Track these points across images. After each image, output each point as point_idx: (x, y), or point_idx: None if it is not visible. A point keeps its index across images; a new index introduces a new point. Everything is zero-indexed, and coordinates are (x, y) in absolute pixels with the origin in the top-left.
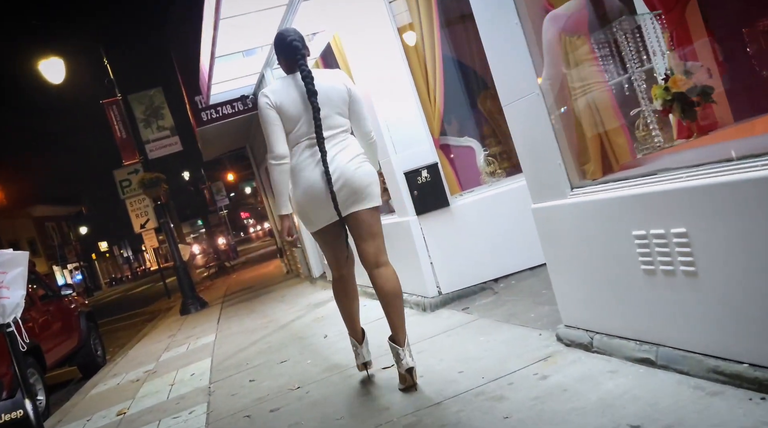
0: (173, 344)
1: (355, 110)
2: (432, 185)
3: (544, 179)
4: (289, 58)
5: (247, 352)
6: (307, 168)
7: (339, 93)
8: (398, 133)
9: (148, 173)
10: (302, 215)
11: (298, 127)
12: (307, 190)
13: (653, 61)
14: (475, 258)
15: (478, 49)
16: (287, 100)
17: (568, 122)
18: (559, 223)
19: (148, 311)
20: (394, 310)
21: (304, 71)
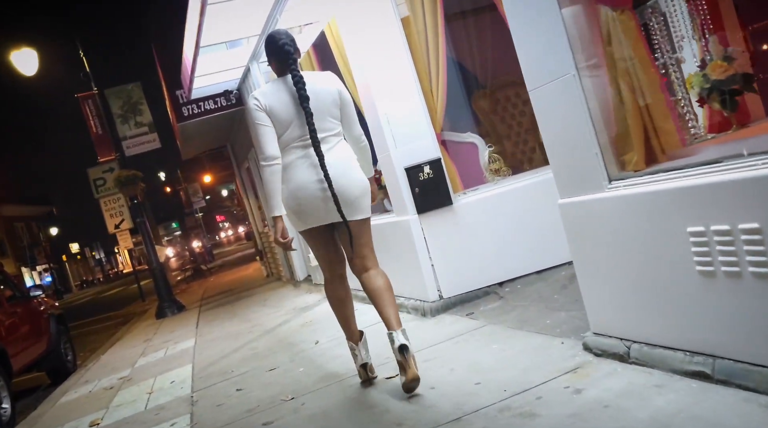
0: (149, 349)
1: (346, 113)
2: (434, 182)
3: (577, 171)
4: (280, 62)
5: (231, 359)
6: (299, 168)
7: (331, 96)
8: (399, 126)
9: (124, 171)
10: (291, 213)
11: (290, 130)
12: (299, 189)
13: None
14: (479, 261)
15: (479, 46)
16: (278, 104)
17: (607, 107)
18: (592, 219)
19: (122, 314)
20: (386, 302)
21: (296, 76)
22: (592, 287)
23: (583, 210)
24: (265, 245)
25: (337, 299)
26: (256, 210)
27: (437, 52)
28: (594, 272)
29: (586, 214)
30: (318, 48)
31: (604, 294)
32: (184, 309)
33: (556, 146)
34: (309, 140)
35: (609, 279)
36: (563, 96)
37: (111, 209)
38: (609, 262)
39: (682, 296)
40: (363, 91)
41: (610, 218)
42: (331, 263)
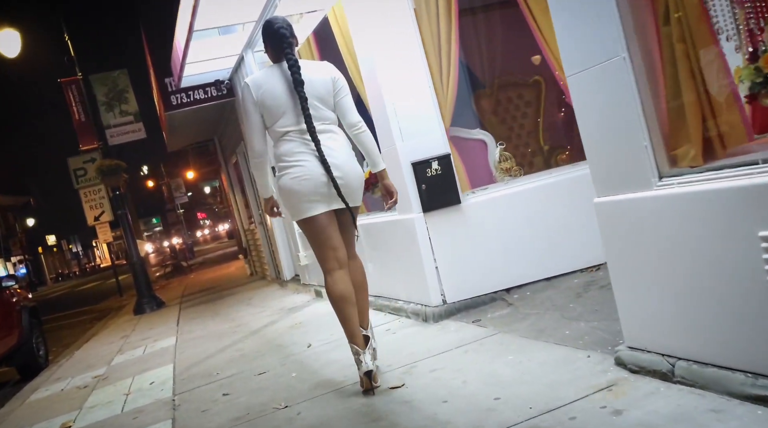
0: (127, 346)
1: (341, 100)
2: (442, 179)
3: (620, 166)
4: (275, 47)
5: (215, 360)
6: (300, 155)
7: (324, 85)
8: (407, 118)
9: (107, 160)
10: (291, 200)
11: (284, 118)
12: (301, 176)
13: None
14: (486, 265)
15: (483, 43)
16: (270, 91)
17: (660, 94)
18: (636, 220)
19: (98, 309)
20: (361, 297)
21: (291, 60)
22: (629, 295)
23: (625, 210)
24: (250, 242)
25: (340, 295)
26: (242, 207)
27: (449, 41)
28: (634, 278)
29: (628, 214)
30: (319, 35)
31: (645, 304)
32: (164, 306)
33: (596, 137)
34: (303, 127)
35: (652, 287)
36: (609, 81)
37: (91, 201)
38: (653, 268)
39: (747, 310)
40: (369, 79)
41: (658, 219)
42: (337, 251)
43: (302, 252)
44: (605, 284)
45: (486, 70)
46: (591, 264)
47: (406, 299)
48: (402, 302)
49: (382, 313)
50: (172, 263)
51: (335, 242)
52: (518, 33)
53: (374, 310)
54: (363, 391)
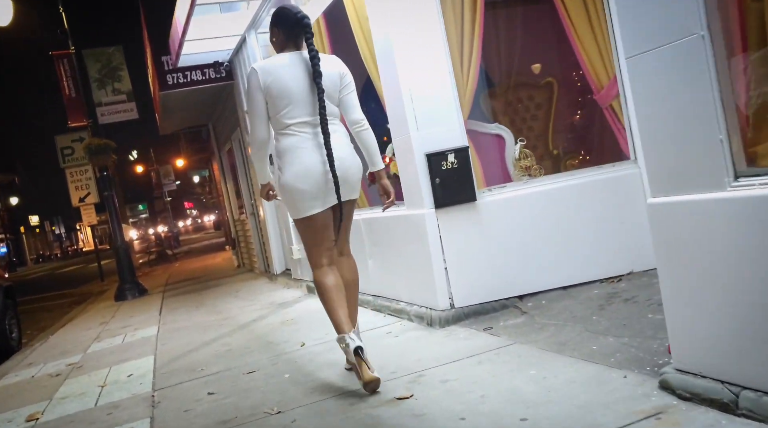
0: (105, 333)
1: (347, 96)
2: (458, 173)
3: (686, 163)
4: (295, 35)
5: (200, 354)
6: (304, 150)
7: (332, 80)
8: (424, 105)
9: (96, 139)
10: (293, 198)
11: (290, 108)
12: (304, 173)
13: None
14: (499, 269)
15: (499, 40)
16: (280, 80)
17: (739, 80)
18: (701, 225)
19: (78, 293)
20: (352, 298)
21: (313, 51)
22: (684, 310)
23: (688, 213)
24: (239, 233)
25: (330, 286)
26: (233, 196)
27: (474, 23)
28: (691, 291)
29: (692, 218)
30: (329, 16)
31: (703, 321)
32: (147, 293)
33: (657, 128)
34: (313, 119)
35: (714, 302)
36: (682, 63)
37: (77, 181)
38: (718, 280)
39: None
40: (384, 60)
41: (729, 225)
42: (329, 250)
43: (296, 246)
44: (629, 298)
45: (500, 68)
46: (611, 275)
47: (409, 300)
48: (404, 304)
49: (382, 314)
50: (157, 251)
51: (329, 243)
52: (541, 30)
53: (372, 310)
54: (364, 383)
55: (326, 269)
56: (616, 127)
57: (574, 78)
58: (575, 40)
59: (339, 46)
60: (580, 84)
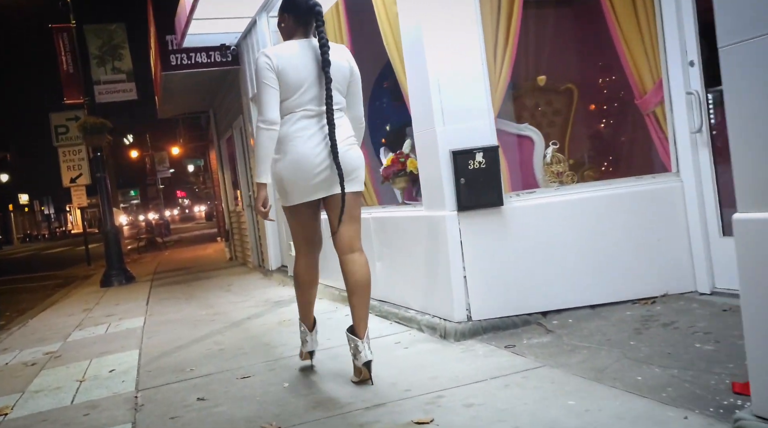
0: (88, 321)
1: (354, 90)
2: (486, 174)
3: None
4: (305, 23)
5: (189, 351)
6: (300, 139)
7: (342, 70)
8: (452, 97)
9: (92, 117)
10: (282, 186)
11: (297, 96)
12: (295, 161)
13: None
14: (523, 281)
15: (524, 41)
16: (290, 66)
17: None
18: None
19: (63, 275)
20: (361, 300)
21: (323, 39)
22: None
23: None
24: (234, 225)
25: (307, 282)
26: (230, 186)
27: (512, 11)
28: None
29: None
30: (349, 1)
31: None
32: (134, 281)
33: (756, 130)
34: (319, 108)
35: None
36: None
37: (69, 161)
38: None
39: None
40: (411, 46)
41: None
42: (311, 244)
43: None
44: (668, 323)
45: (528, 67)
46: (644, 296)
47: (420, 309)
48: (414, 312)
49: (388, 321)
50: (147, 238)
51: (313, 237)
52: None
53: (378, 316)
54: (301, 360)
55: (307, 259)
56: (657, 136)
57: (606, 82)
58: (620, 41)
59: (358, 30)
60: (609, 89)
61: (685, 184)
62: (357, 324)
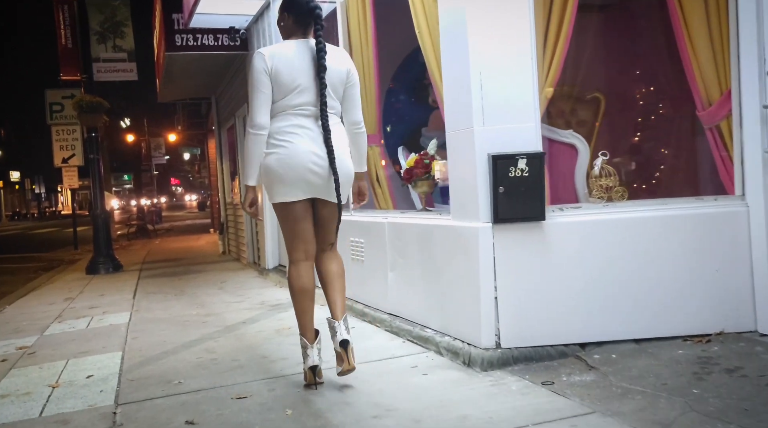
0: (69, 312)
1: (351, 94)
2: (528, 184)
3: None
4: (304, 24)
5: (177, 359)
6: (296, 136)
7: (339, 75)
8: (495, 94)
9: (88, 95)
10: (270, 179)
11: (292, 97)
12: (291, 157)
13: None
14: (561, 306)
15: (579, 42)
16: (285, 67)
17: None
18: None
19: (48, 258)
20: (339, 288)
21: (321, 44)
22: None
23: None
24: (229, 218)
25: (302, 288)
26: (228, 177)
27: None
28: None
29: None
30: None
31: None
32: (122, 270)
33: None
34: (313, 110)
35: None
36: None
37: (63, 140)
38: None
39: None
40: (450, 29)
41: None
42: (306, 243)
43: None
44: (732, 368)
45: (570, 70)
46: (697, 333)
47: (439, 328)
48: (432, 332)
49: (400, 339)
50: (138, 225)
51: (307, 235)
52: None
53: (387, 332)
54: (305, 385)
55: (302, 268)
56: (719, 153)
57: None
58: (685, 44)
59: (383, 13)
60: (662, 99)
61: (751, 209)
62: (333, 308)
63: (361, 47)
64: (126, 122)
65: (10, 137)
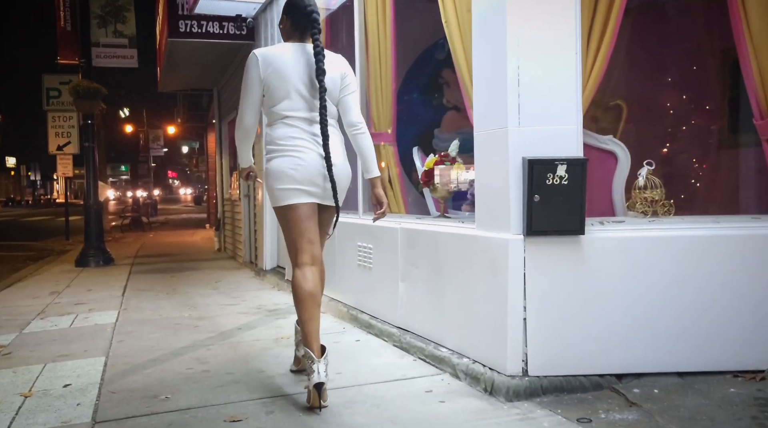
0: (53, 308)
1: (347, 97)
2: (567, 193)
3: None
4: (302, 28)
5: (165, 368)
6: (299, 141)
7: (334, 81)
8: (534, 92)
9: (86, 81)
10: (281, 184)
11: (288, 101)
12: (298, 162)
13: None
14: (597, 332)
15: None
16: (280, 71)
17: None
18: None
19: (38, 247)
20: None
21: (318, 47)
22: None
23: None
24: (227, 214)
25: (309, 293)
26: (227, 172)
27: None
28: None
29: None
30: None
31: None
32: (112, 263)
33: None
34: (311, 115)
35: None
36: None
37: (59, 127)
38: None
39: None
40: (484, 15)
41: None
42: (313, 245)
43: None
44: None
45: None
46: (748, 368)
47: (456, 348)
48: (448, 352)
49: (411, 357)
50: (132, 217)
51: (314, 236)
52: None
53: (396, 348)
54: (307, 407)
55: (308, 272)
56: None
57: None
58: (745, 45)
59: (399, 8)
60: (707, 105)
61: None
62: (311, 341)
63: (378, 41)
64: (125, 112)
65: (8, 123)
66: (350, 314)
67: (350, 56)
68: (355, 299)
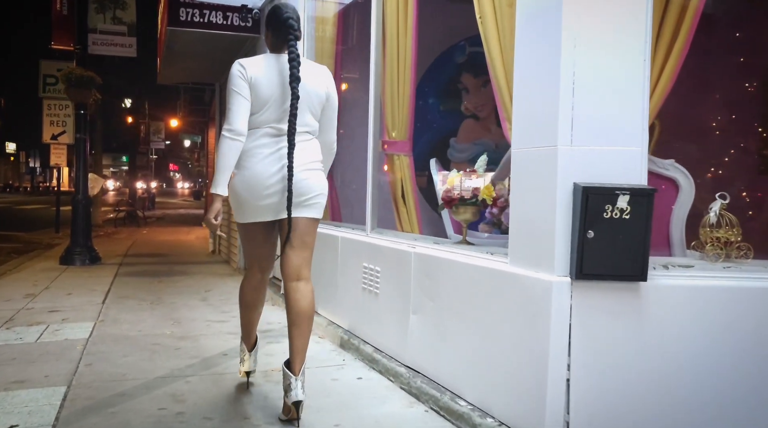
0: (23, 316)
1: (328, 115)
2: (629, 230)
3: None
4: (280, 37)
5: (134, 407)
6: (257, 156)
7: (317, 93)
8: (591, 104)
9: (79, 68)
10: (235, 200)
11: (264, 111)
12: (249, 179)
13: None
14: (653, 399)
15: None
16: (263, 79)
17: None
18: None
19: (25, 239)
20: (301, 332)
21: (293, 53)
22: None
23: None
24: (223, 213)
25: (253, 301)
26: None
27: None
28: None
29: None
30: None
31: None
32: (99, 262)
33: None
34: (282, 127)
35: None
36: None
37: (54, 115)
38: None
39: None
40: (533, 8)
41: None
42: (262, 262)
43: None
44: None
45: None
46: None
47: (477, 402)
48: (467, 406)
49: (422, 406)
50: (127, 210)
51: (265, 256)
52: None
53: (404, 391)
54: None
55: (254, 280)
56: None
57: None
58: None
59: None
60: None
61: None
62: (293, 359)
63: (398, 37)
64: (127, 103)
65: (9, 108)
66: (351, 342)
67: (365, 54)
68: (356, 326)
